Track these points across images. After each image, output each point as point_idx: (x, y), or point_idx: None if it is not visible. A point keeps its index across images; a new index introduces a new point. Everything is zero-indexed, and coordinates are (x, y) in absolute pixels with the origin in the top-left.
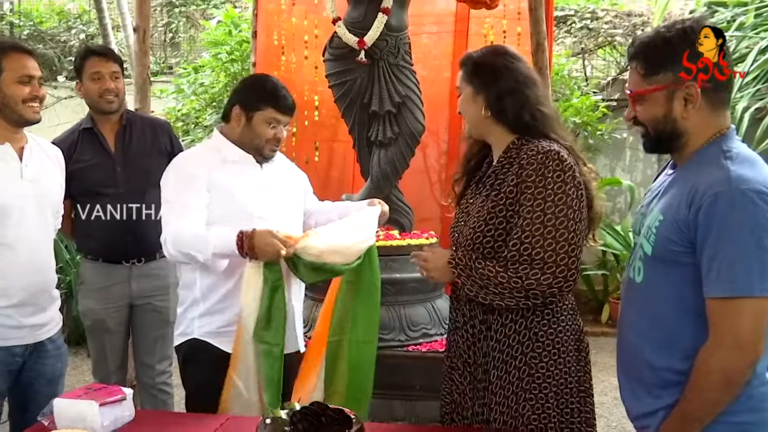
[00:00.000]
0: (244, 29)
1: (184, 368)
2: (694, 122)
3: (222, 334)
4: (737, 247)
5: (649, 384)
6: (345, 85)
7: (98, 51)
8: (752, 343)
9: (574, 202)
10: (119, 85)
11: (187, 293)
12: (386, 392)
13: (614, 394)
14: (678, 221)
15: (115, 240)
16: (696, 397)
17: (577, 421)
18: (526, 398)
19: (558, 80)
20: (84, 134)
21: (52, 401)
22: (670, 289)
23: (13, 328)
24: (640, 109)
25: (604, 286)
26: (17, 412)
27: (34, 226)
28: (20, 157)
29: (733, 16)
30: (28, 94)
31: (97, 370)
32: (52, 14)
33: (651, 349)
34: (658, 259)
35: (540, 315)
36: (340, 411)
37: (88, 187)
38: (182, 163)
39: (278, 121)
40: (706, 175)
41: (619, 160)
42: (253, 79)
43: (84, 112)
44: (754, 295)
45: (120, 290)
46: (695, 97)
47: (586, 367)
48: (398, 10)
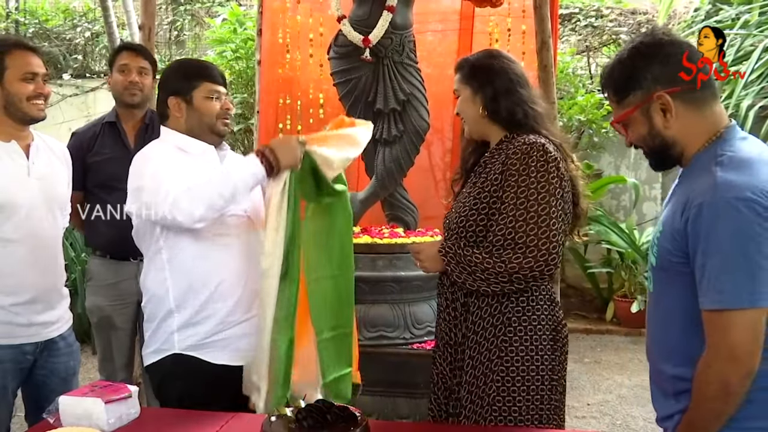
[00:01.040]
0: (249, 27)
1: (162, 385)
2: (680, 128)
3: (207, 345)
4: (722, 258)
5: (665, 389)
6: (350, 83)
7: (130, 46)
8: (747, 354)
9: (557, 191)
10: (145, 81)
11: (157, 306)
12: (391, 390)
13: (618, 392)
14: (674, 232)
15: (125, 237)
16: (698, 406)
17: (546, 407)
18: (493, 379)
19: (563, 78)
20: (106, 127)
21: (58, 399)
22: (676, 299)
23: (22, 326)
24: (630, 133)
25: (609, 284)
26: (33, 411)
27: (42, 223)
28: (27, 155)
29: (738, 14)
30: (32, 91)
31: (104, 367)
32: (57, 12)
33: (662, 357)
34: (662, 269)
35: (515, 302)
36: (345, 408)
37: (102, 180)
38: (153, 155)
39: (217, 91)
40: (697, 183)
41: (623, 158)
42: (173, 67)
43: (87, 110)
44: (743, 307)
45: (128, 287)
46: (669, 105)
47: (561, 357)
48: (403, 8)
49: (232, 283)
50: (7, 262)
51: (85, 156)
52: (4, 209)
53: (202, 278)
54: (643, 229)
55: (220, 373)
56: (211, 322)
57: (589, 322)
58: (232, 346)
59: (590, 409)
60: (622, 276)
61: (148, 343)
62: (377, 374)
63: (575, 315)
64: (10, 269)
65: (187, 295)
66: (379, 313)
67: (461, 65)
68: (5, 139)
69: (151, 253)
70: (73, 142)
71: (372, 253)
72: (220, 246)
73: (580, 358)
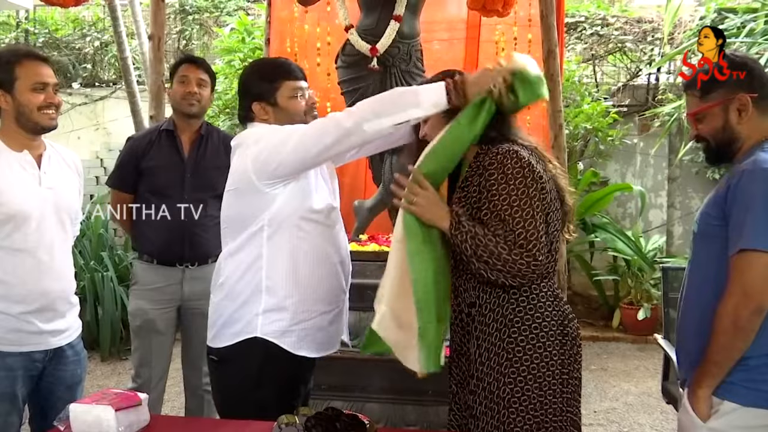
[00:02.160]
0: (257, 36)
1: (228, 367)
2: (748, 127)
3: (289, 333)
4: (752, 212)
5: (692, 352)
6: (357, 92)
7: (192, 59)
8: (759, 293)
9: (535, 193)
10: (204, 93)
11: (244, 286)
12: (399, 397)
13: (625, 400)
14: (717, 198)
15: (173, 243)
16: (712, 341)
17: (558, 401)
18: (505, 382)
19: (569, 86)
20: (163, 135)
21: (68, 406)
22: (711, 265)
23: (33, 334)
24: (703, 126)
25: (615, 292)
26: (37, 419)
27: (52, 232)
28: (38, 165)
29: (743, 22)
30: (43, 101)
31: (139, 373)
32: (67, 22)
33: (693, 320)
34: (701, 235)
35: (515, 302)
36: (354, 416)
37: (156, 186)
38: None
39: (301, 88)
40: (741, 164)
41: (629, 166)
42: (250, 71)
43: (96, 119)
44: (760, 248)
45: (172, 291)
46: (747, 106)
47: (571, 350)
48: (410, 17)
49: (321, 274)
50: (16, 271)
51: (140, 161)
52: (15, 219)
53: (295, 264)
54: (649, 236)
55: (296, 363)
56: (297, 309)
57: (596, 330)
58: (311, 337)
59: (597, 416)
60: (629, 283)
61: (227, 323)
62: (385, 382)
63: (582, 322)
64: (19, 278)
65: (279, 277)
66: None
67: None
68: (17, 149)
69: (249, 234)
70: (130, 146)
71: (380, 261)
72: (317, 234)
73: (587, 366)
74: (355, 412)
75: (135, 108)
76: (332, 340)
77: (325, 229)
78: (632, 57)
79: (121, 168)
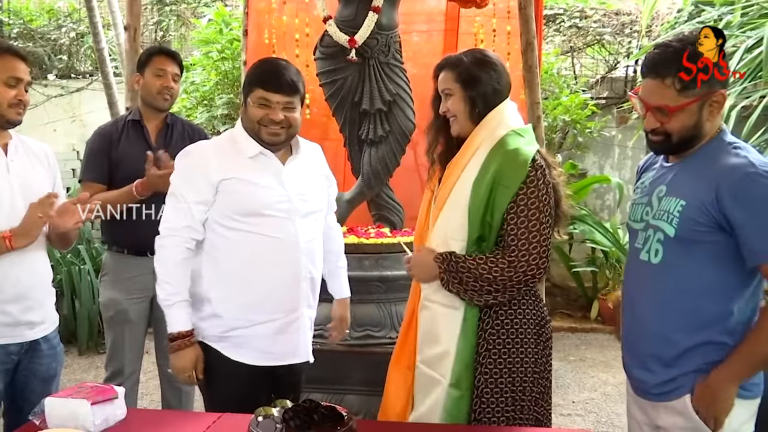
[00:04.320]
0: (235, 27)
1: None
2: (711, 123)
3: (226, 339)
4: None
5: (664, 356)
6: (336, 84)
7: (167, 51)
8: None
9: (545, 198)
10: (176, 87)
11: (192, 290)
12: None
13: (603, 390)
14: (705, 203)
15: (145, 232)
16: (763, 339)
17: (527, 399)
18: (481, 372)
19: (547, 78)
20: (129, 125)
21: (44, 400)
22: (693, 266)
23: (8, 326)
24: (673, 120)
25: (594, 283)
26: (11, 412)
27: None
28: (5, 153)
29: (720, 15)
30: (13, 97)
31: (111, 363)
32: (42, 12)
33: (669, 322)
34: (681, 239)
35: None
36: (332, 408)
37: (127, 176)
38: (195, 151)
39: (267, 100)
40: (723, 162)
41: (607, 158)
42: (253, 65)
43: (72, 111)
44: None
45: (145, 282)
46: (722, 103)
47: (544, 351)
48: (389, 8)
49: (261, 279)
50: None
51: (111, 151)
52: None
53: (232, 269)
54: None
55: (245, 370)
56: (230, 317)
57: (574, 321)
58: (252, 345)
59: (575, 406)
60: (607, 275)
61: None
62: (364, 373)
63: (560, 314)
64: None
65: (211, 285)
66: (365, 313)
67: (455, 64)
68: None
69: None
70: (99, 137)
71: (358, 253)
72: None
73: (565, 357)
74: (334, 404)
75: (112, 100)
76: (287, 350)
77: (259, 238)
78: (610, 49)
79: (93, 160)
